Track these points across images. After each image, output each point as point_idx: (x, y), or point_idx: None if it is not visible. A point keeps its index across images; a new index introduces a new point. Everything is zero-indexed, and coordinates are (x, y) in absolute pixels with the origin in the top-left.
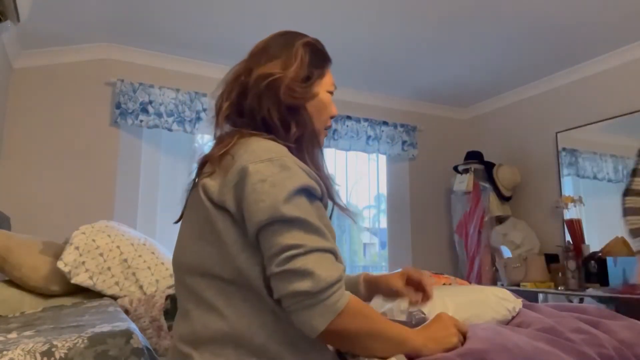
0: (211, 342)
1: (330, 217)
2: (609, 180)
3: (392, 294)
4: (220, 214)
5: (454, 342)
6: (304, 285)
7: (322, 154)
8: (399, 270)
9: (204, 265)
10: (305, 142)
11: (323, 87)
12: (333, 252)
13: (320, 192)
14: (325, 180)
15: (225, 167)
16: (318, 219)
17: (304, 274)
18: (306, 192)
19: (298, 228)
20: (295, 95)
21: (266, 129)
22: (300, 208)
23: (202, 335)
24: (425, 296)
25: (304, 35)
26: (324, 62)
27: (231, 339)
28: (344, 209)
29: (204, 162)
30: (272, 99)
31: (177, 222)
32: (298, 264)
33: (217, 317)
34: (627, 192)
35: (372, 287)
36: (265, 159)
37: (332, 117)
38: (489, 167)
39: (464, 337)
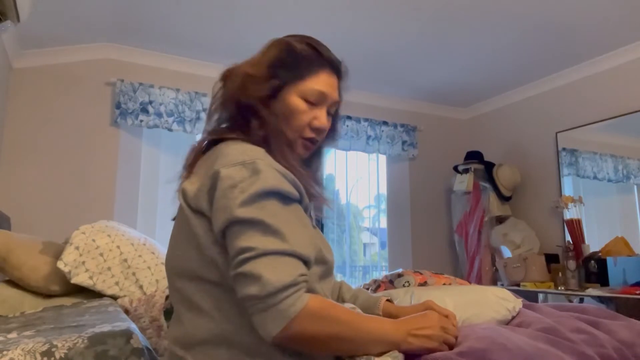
0: (203, 344)
1: (321, 223)
2: (609, 180)
3: None
4: (197, 219)
5: (435, 341)
6: (252, 289)
7: (295, 157)
8: (422, 302)
9: (190, 268)
10: (273, 143)
11: (296, 93)
12: (294, 255)
13: (299, 195)
14: (304, 182)
15: (199, 171)
16: (286, 221)
17: (252, 277)
18: (277, 195)
19: (255, 230)
20: (247, 92)
21: (234, 126)
22: (264, 210)
23: (194, 338)
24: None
25: (297, 36)
26: (303, 66)
27: (223, 340)
28: (321, 205)
29: (185, 165)
30: (229, 95)
31: (174, 219)
32: (248, 267)
33: (207, 319)
34: None
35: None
36: (237, 163)
37: (313, 129)
38: (489, 167)
39: (455, 339)
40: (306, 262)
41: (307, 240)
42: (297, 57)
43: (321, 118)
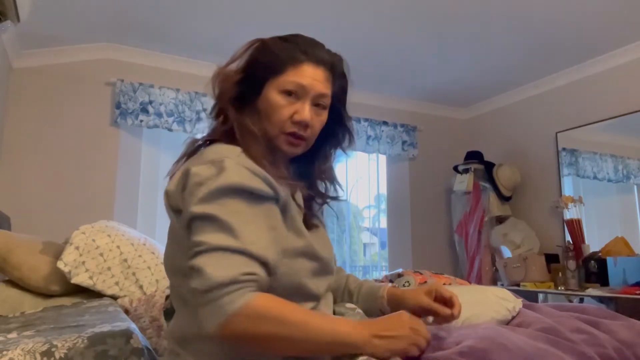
0: (197, 339)
1: (308, 223)
2: (609, 180)
3: (419, 311)
4: (176, 217)
5: (403, 342)
6: (195, 282)
7: (280, 157)
8: (426, 286)
9: (179, 265)
10: (243, 143)
11: (275, 88)
12: (244, 253)
13: (273, 193)
14: (282, 181)
15: (178, 172)
16: (245, 219)
17: (197, 271)
18: (241, 192)
19: (210, 226)
20: (220, 94)
21: (218, 128)
22: (222, 207)
23: (188, 333)
24: (453, 314)
25: (278, 35)
26: (279, 61)
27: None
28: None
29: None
30: (215, 98)
31: None
32: (196, 261)
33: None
34: None
35: (397, 303)
36: (207, 161)
37: (294, 122)
38: (489, 167)
39: (427, 343)
40: (263, 263)
41: (267, 240)
42: (272, 53)
43: (303, 112)
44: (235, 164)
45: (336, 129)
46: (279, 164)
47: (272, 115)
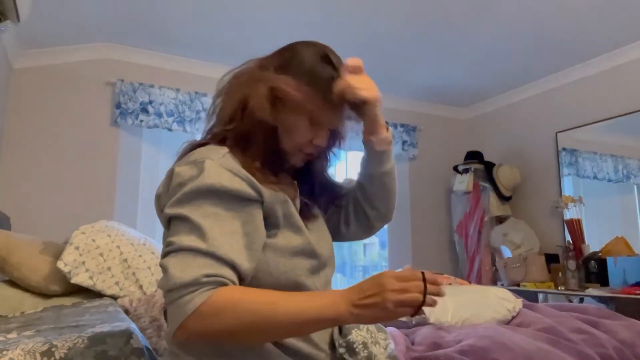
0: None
1: (307, 213)
2: (609, 180)
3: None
4: (165, 220)
5: (388, 307)
6: (160, 282)
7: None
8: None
9: None
10: (239, 143)
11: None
12: (210, 255)
13: (256, 195)
14: (271, 186)
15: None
16: (216, 222)
17: (163, 271)
18: (218, 193)
19: (180, 226)
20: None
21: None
22: (196, 208)
23: None
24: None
25: (311, 47)
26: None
27: None
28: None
29: None
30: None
31: None
32: (163, 260)
33: None
34: None
35: (370, 131)
36: (190, 161)
37: (314, 146)
38: (489, 167)
39: (424, 293)
40: (232, 266)
41: (239, 244)
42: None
43: (322, 138)
44: (215, 165)
45: (336, 131)
46: (279, 167)
47: (294, 135)
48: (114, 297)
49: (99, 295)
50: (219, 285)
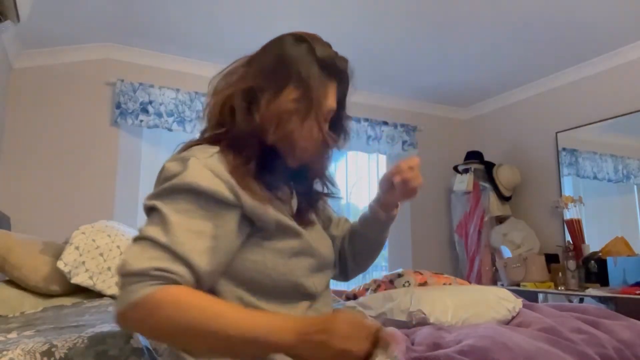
0: None
1: (303, 219)
2: (609, 180)
3: (387, 185)
4: (144, 210)
5: (332, 349)
6: (117, 265)
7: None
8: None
9: None
10: (239, 146)
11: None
12: (168, 250)
13: (234, 199)
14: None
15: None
16: (186, 219)
17: (123, 255)
18: (195, 192)
19: (152, 217)
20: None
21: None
22: (171, 202)
23: None
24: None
25: (294, 37)
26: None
27: None
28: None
29: None
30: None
31: None
32: (127, 245)
33: None
34: None
35: (380, 202)
36: (178, 158)
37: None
38: (489, 167)
39: (372, 344)
40: (188, 265)
41: (202, 245)
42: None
43: (322, 129)
44: (198, 164)
45: (334, 131)
46: (276, 168)
47: (295, 135)
48: (114, 297)
49: (99, 295)
50: (170, 282)
